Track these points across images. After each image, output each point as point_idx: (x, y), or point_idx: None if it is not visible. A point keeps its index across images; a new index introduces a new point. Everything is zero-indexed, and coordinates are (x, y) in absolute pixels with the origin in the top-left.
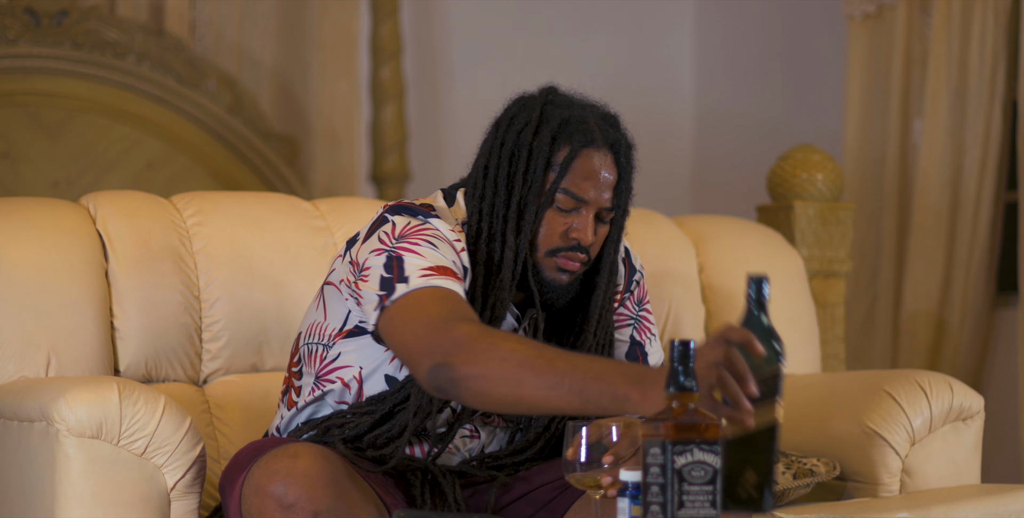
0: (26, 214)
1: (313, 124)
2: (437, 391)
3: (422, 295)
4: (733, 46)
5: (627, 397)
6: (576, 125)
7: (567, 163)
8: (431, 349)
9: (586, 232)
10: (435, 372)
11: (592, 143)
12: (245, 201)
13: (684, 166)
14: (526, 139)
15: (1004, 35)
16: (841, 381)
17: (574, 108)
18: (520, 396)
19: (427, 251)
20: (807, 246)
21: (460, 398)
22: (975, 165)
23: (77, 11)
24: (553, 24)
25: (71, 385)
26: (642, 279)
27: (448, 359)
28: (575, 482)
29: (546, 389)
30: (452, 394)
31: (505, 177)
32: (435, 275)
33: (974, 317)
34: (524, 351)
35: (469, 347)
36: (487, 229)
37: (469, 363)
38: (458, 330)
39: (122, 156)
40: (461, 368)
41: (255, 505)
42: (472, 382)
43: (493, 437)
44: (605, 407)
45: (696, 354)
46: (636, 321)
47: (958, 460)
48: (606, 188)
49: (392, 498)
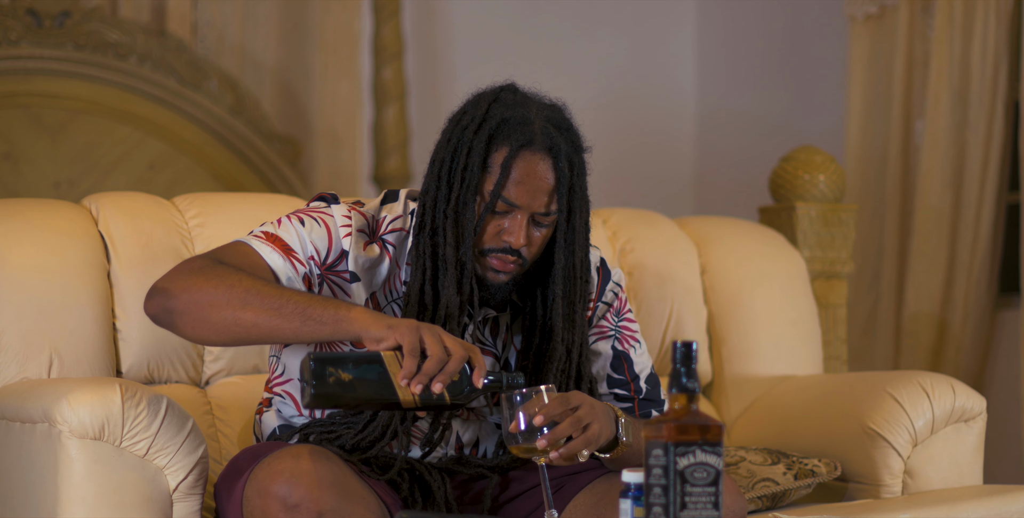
0: (28, 215)
1: (315, 125)
2: (155, 319)
3: (233, 245)
4: (735, 47)
5: (348, 316)
6: (515, 126)
7: (503, 166)
8: (164, 275)
9: (518, 236)
10: (151, 298)
11: (529, 145)
12: (247, 202)
13: (686, 167)
14: (468, 136)
15: (1006, 36)
16: (843, 382)
17: (520, 108)
18: (241, 319)
19: (291, 226)
20: (809, 247)
21: (173, 324)
22: (977, 166)
23: (79, 12)
24: (555, 25)
25: (73, 386)
26: (621, 291)
27: (168, 285)
28: (520, 452)
29: (271, 310)
30: (166, 321)
31: (447, 173)
32: (262, 239)
33: (976, 318)
34: (251, 280)
35: (194, 274)
36: (430, 222)
37: (190, 290)
38: (192, 260)
39: (124, 157)
40: (181, 295)
41: (258, 506)
42: (191, 308)
43: (474, 433)
44: (324, 322)
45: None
46: (617, 332)
47: (960, 461)
48: (541, 193)
49: (391, 498)
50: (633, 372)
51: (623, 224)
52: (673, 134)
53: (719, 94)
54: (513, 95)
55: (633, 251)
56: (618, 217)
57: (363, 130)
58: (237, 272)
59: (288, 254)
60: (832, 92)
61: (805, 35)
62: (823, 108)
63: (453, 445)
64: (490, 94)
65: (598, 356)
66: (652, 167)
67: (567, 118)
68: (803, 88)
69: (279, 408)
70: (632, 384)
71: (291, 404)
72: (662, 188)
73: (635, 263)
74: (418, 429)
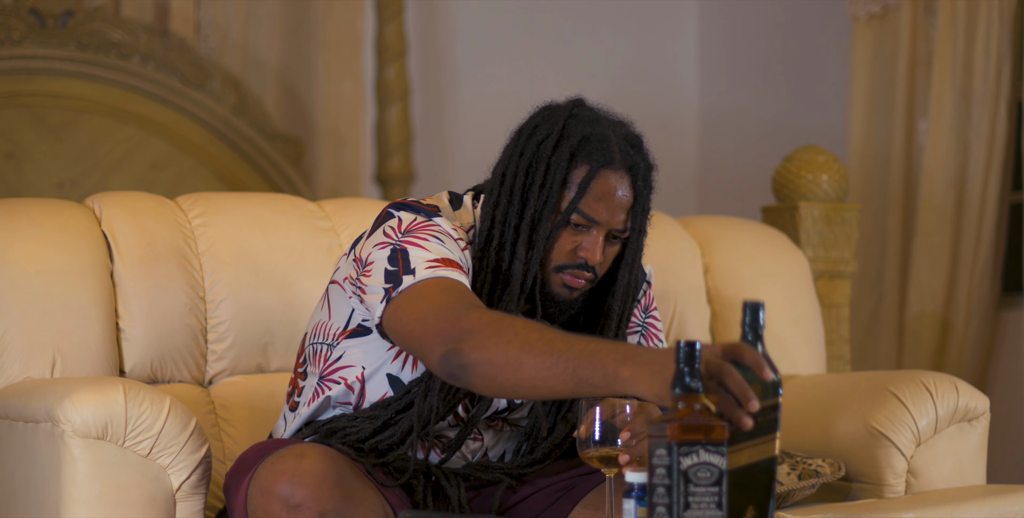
0: (31, 215)
1: (318, 125)
2: (449, 377)
3: (429, 285)
4: (737, 47)
5: (617, 374)
6: (596, 144)
7: (584, 183)
8: (442, 336)
9: (595, 252)
10: (446, 359)
11: (610, 164)
12: (250, 202)
13: (689, 167)
14: (545, 152)
15: (1009, 35)
16: (846, 382)
17: (596, 125)
18: (521, 379)
19: (433, 245)
20: (812, 247)
21: (470, 384)
22: (980, 165)
23: (82, 12)
24: (558, 25)
25: (76, 386)
26: (649, 288)
27: (458, 345)
28: (588, 459)
29: (543, 370)
30: (463, 380)
31: (521, 188)
32: (441, 266)
33: (979, 318)
34: (526, 334)
35: (478, 332)
36: (498, 237)
37: (477, 348)
38: (468, 317)
39: (127, 157)
40: (470, 354)
41: (261, 506)
42: (480, 367)
43: (498, 440)
44: (597, 385)
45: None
46: (643, 328)
47: (964, 461)
48: (620, 210)
49: (396, 499)
50: None
51: None
52: (676, 133)
53: (722, 93)
54: (587, 111)
55: None
56: None
57: (366, 130)
58: (526, 326)
59: (463, 270)
60: (835, 92)
61: (808, 35)
62: (826, 108)
63: (479, 457)
64: (564, 110)
65: None
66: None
67: (639, 135)
68: (806, 87)
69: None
70: None
71: (347, 394)
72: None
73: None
74: (445, 435)
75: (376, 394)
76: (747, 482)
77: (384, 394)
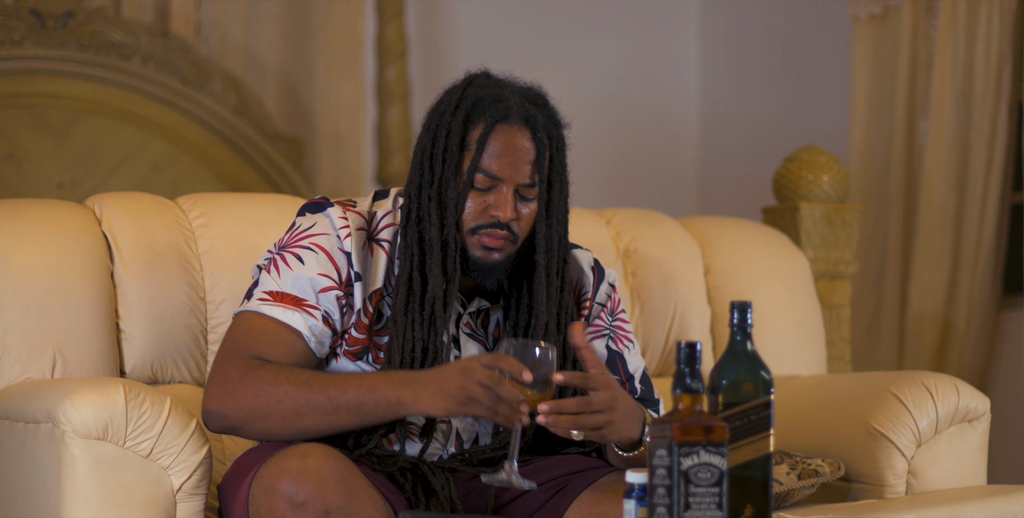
0: (31, 216)
1: (318, 125)
2: (226, 431)
3: (246, 321)
4: (738, 48)
5: (400, 401)
6: (490, 103)
7: (481, 141)
8: (208, 393)
9: (504, 209)
10: (212, 422)
11: (506, 118)
12: (250, 202)
13: (689, 167)
14: (445, 120)
15: (1010, 36)
16: (847, 382)
17: (494, 88)
18: (303, 427)
19: (290, 272)
20: (813, 247)
21: (249, 437)
22: (981, 166)
23: (82, 12)
24: (559, 26)
25: (77, 386)
26: (614, 291)
27: (222, 407)
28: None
29: (326, 416)
30: (239, 434)
31: (428, 159)
32: (270, 301)
33: (980, 318)
34: (296, 390)
35: (240, 391)
36: (415, 209)
37: (244, 411)
38: (225, 370)
39: (127, 157)
40: (234, 416)
41: (265, 504)
42: (253, 425)
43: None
44: (382, 416)
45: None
46: (611, 331)
47: (964, 461)
48: (523, 164)
49: (395, 498)
50: (628, 372)
51: (627, 224)
52: (677, 134)
53: (723, 94)
54: (487, 79)
55: (637, 251)
56: (622, 217)
57: (367, 130)
58: (276, 382)
59: (300, 306)
60: (836, 92)
61: (808, 35)
62: (827, 108)
63: (453, 442)
64: (464, 81)
65: None
66: (656, 167)
67: (542, 95)
68: (807, 88)
69: None
70: (627, 384)
71: None
72: (666, 188)
73: (639, 263)
74: (415, 425)
75: None
76: (744, 480)
77: None
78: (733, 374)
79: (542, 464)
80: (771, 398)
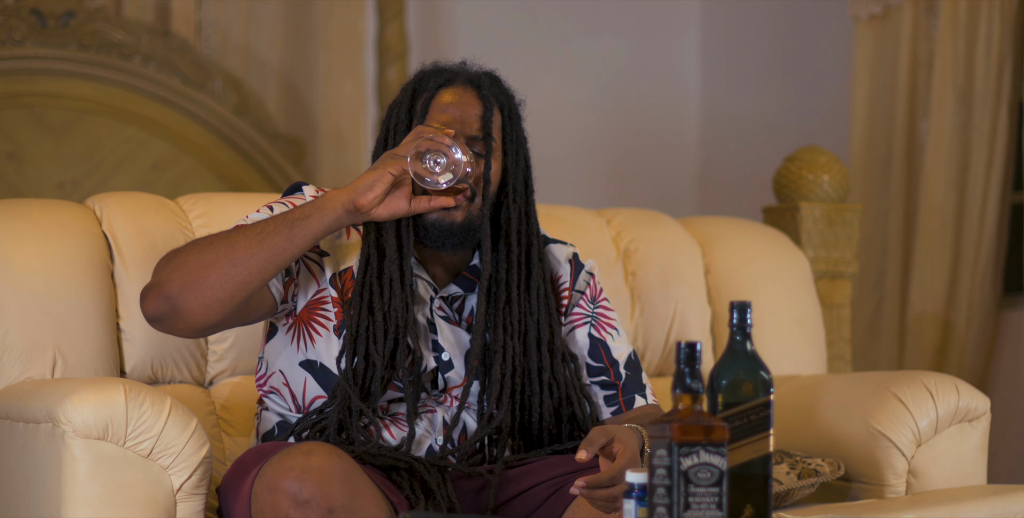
0: (32, 215)
1: (319, 125)
2: (156, 319)
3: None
4: (739, 48)
5: (326, 197)
6: (433, 74)
7: (426, 104)
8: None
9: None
10: (148, 299)
11: (450, 82)
12: (251, 202)
13: (690, 167)
14: (396, 101)
15: (1010, 36)
16: (847, 382)
17: (441, 66)
18: (235, 259)
19: (259, 216)
20: (813, 247)
21: (188, 307)
22: (981, 166)
23: (83, 12)
24: (559, 26)
25: (77, 386)
26: (593, 279)
27: (155, 279)
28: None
29: (257, 236)
30: (176, 304)
31: (383, 136)
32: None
33: (980, 318)
34: (226, 231)
35: (172, 257)
36: None
37: (176, 269)
38: (164, 255)
39: (128, 157)
40: (171, 276)
41: (268, 502)
42: (184, 282)
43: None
44: (309, 215)
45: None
46: (593, 318)
47: (964, 461)
48: (468, 117)
49: (397, 498)
50: (611, 358)
51: (627, 224)
52: (677, 134)
53: (723, 94)
54: (439, 64)
55: (637, 251)
56: (622, 217)
57: (367, 130)
58: (209, 235)
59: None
60: (836, 92)
61: (809, 35)
62: (827, 108)
63: (440, 429)
64: (418, 71)
65: (575, 345)
66: (656, 167)
67: (493, 74)
68: (807, 88)
69: (272, 405)
70: (611, 370)
71: (281, 399)
72: (666, 188)
73: (639, 263)
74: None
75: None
76: (743, 480)
77: (305, 380)
78: (733, 374)
79: (541, 464)
80: (771, 398)
